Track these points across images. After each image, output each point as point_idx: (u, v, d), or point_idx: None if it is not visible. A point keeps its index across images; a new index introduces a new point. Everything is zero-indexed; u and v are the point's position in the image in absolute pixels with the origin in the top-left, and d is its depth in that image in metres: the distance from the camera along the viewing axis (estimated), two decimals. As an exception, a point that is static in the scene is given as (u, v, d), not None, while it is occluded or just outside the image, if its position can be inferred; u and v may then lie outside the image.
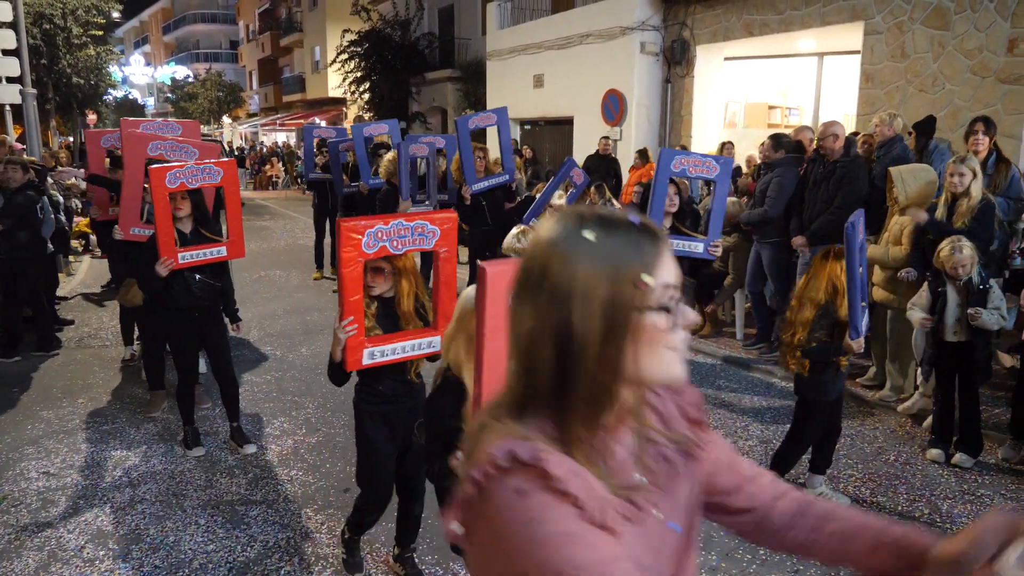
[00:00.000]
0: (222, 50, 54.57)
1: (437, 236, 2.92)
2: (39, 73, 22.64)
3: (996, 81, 7.76)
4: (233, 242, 4.62)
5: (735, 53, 12.17)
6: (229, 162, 4.55)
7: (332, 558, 3.55)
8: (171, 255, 4.27)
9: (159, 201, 4.21)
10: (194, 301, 4.52)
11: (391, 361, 3.01)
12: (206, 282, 4.55)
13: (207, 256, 4.45)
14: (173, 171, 4.21)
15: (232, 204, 4.67)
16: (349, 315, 2.87)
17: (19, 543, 3.68)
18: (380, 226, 2.76)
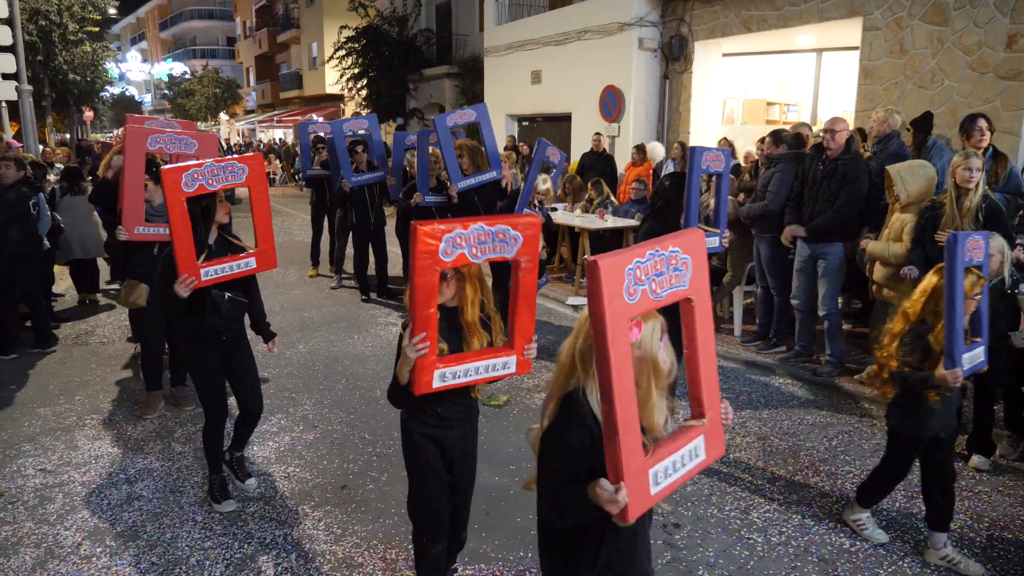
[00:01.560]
0: (219, 46, 54.48)
1: (519, 243, 2.48)
2: (35, 70, 22.60)
3: (995, 77, 7.76)
4: (263, 251, 3.95)
5: (733, 49, 12.17)
6: (255, 157, 3.85)
7: (329, 555, 3.55)
8: (192, 272, 3.58)
9: (175, 208, 3.52)
10: (223, 324, 3.86)
11: (461, 384, 2.65)
12: (237, 300, 3.90)
13: (235, 270, 3.78)
14: (190, 172, 3.55)
15: (260, 207, 3.94)
16: (421, 331, 2.45)
17: (16, 540, 3.67)
18: (459, 231, 2.33)
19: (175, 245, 3.54)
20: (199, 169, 3.58)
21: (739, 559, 3.50)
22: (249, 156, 3.87)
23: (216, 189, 3.66)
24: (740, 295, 7.16)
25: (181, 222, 3.54)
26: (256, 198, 3.90)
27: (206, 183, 3.61)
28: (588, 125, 13.30)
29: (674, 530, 3.76)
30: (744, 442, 4.83)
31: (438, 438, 2.85)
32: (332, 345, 6.96)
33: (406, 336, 2.49)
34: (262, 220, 3.97)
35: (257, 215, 3.95)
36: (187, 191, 3.55)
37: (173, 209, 3.53)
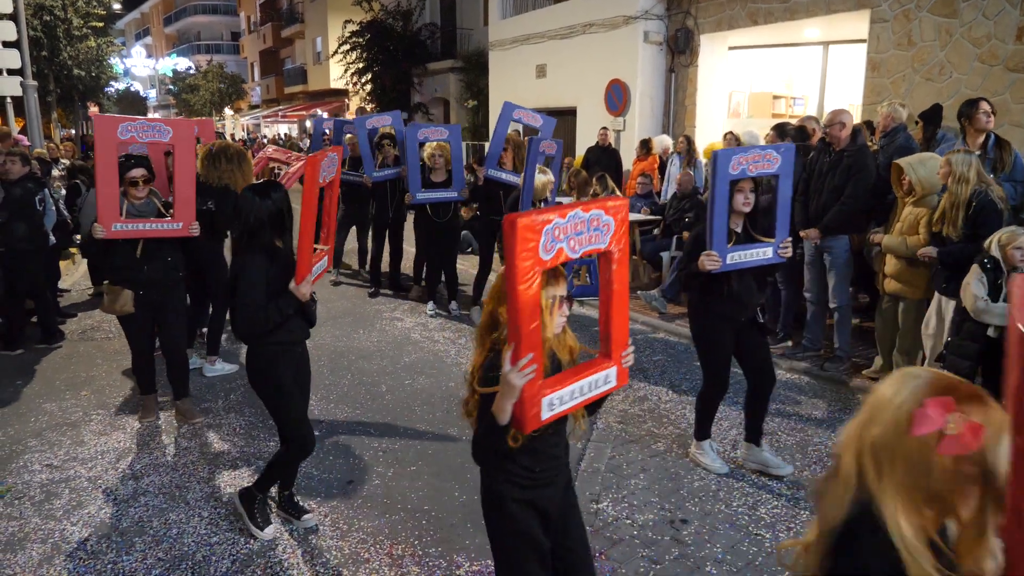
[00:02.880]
0: (223, 42, 54.44)
1: (611, 230, 2.10)
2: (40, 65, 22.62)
3: (1004, 69, 7.69)
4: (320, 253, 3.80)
5: (739, 42, 12.09)
6: (324, 153, 3.60)
7: (335, 550, 3.54)
8: (306, 271, 3.46)
9: (308, 209, 3.37)
10: (307, 333, 3.73)
11: (568, 410, 2.16)
12: (316, 300, 3.75)
13: (316, 271, 3.63)
14: (325, 161, 3.46)
15: (326, 209, 3.86)
16: (528, 351, 1.93)
17: (23, 536, 3.67)
18: (557, 220, 1.95)
19: (300, 251, 3.42)
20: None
21: (747, 555, 3.48)
22: (322, 152, 3.58)
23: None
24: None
25: (309, 225, 3.37)
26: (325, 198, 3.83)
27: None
28: (593, 119, 13.24)
29: (681, 526, 3.74)
30: (751, 437, 4.80)
31: (536, 501, 2.30)
32: (337, 340, 6.95)
33: (505, 361, 1.94)
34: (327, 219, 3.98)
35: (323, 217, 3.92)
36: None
37: (308, 210, 3.35)
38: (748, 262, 4.06)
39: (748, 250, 4.07)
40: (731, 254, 3.99)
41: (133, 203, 4.74)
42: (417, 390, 5.66)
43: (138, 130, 4.62)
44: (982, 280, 4.28)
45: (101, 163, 4.57)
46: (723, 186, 3.94)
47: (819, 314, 6.13)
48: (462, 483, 4.18)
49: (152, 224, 4.74)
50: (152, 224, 4.74)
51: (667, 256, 8.25)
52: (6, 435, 4.86)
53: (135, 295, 4.75)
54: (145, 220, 4.72)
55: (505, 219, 1.88)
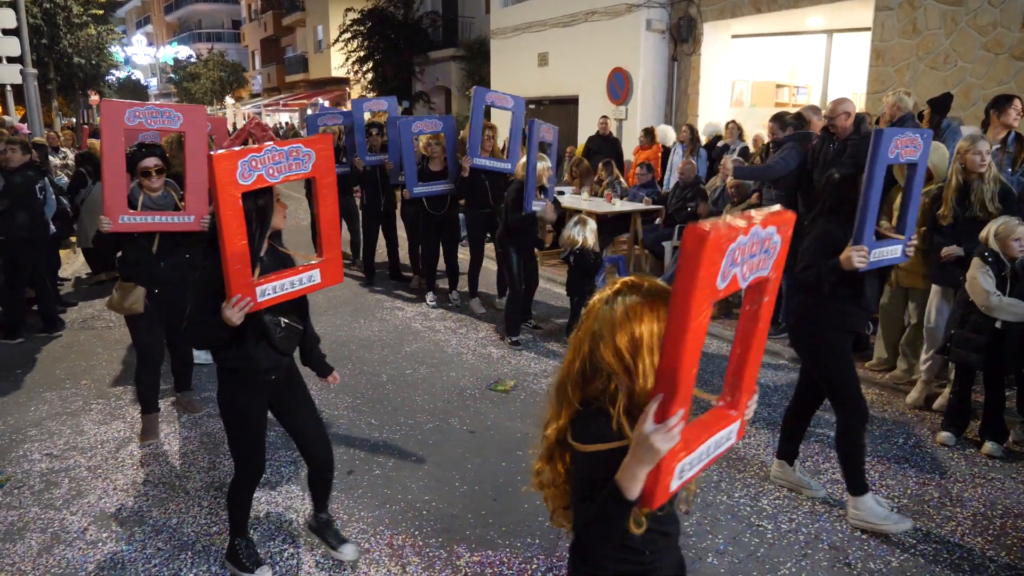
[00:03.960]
0: (224, 30, 54.24)
1: (777, 252, 1.61)
2: (40, 53, 22.55)
3: (1010, 58, 7.63)
4: (329, 261, 3.05)
5: (743, 30, 12.02)
6: (323, 138, 2.90)
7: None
8: (248, 292, 2.71)
9: (228, 206, 2.57)
10: (274, 360, 3.00)
11: (692, 477, 1.63)
12: (294, 328, 3.06)
13: (296, 287, 2.91)
14: (247, 158, 2.58)
15: (326, 205, 2.99)
16: (680, 406, 1.45)
17: (22, 525, 3.66)
18: (741, 238, 1.43)
19: (226, 255, 2.60)
20: (258, 155, 2.60)
21: (749, 546, 3.47)
22: (316, 137, 2.90)
23: (278, 181, 2.68)
24: (749, 279, 7.10)
25: (235, 225, 2.60)
26: (323, 195, 2.94)
27: (266, 173, 2.62)
28: (595, 108, 13.18)
29: (683, 517, 3.72)
30: (753, 428, 4.79)
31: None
32: (338, 330, 6.93)
33: (648, 417, 1.43)
34: (329, 222, 3.04)
35: (324, 215, 3.01)
36: (243, 183, 2.56)
37: (226, 208, 2.57)
38: (882, 261, 3.58)
39: (883, 247, 3.55)
40: (874, 251, 3.45)
41: (149, 195, 4.41)
42: (418, 380, 5.64)
43: (146, 116, 4.35)
44: (988, 274, 4.25)
45: (108, 151, 4.29)
46: (881, 170, 3.44)
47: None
48: (463, 473, 4.17)
49: (162, 217, 4.40)
50: (162, 217, 4.40)
51: (669, 246, 8.22)
52: (6, 424, 4.85)
53: (149, 293, 4.44)
54: (156, 212, 4.40)
55: (689, 230, 1.35)
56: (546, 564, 3.34)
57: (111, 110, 4.34)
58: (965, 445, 4.50)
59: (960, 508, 3.80)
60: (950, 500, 3.88)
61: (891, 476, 4.14)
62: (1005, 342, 4.26)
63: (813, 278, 3.50)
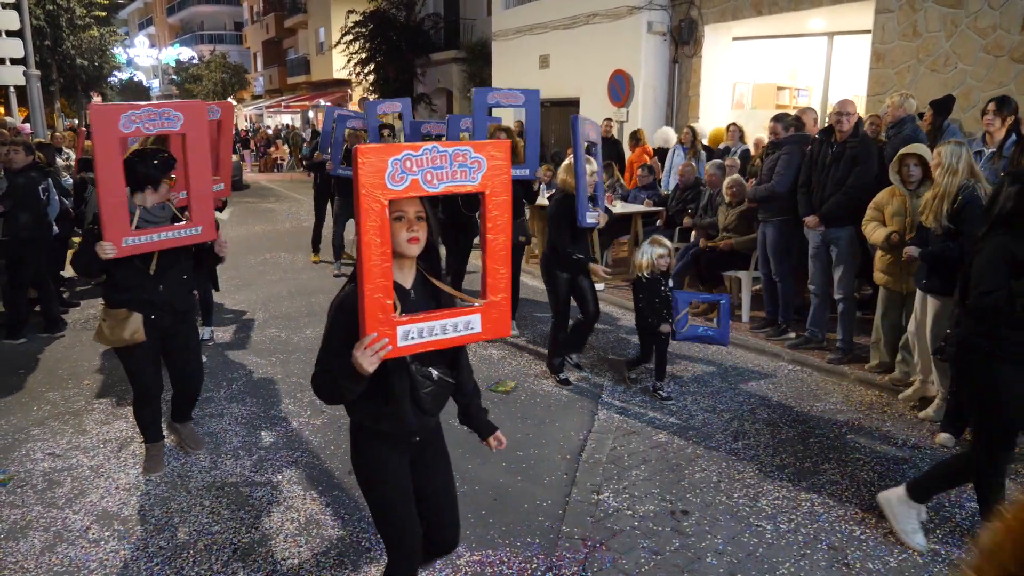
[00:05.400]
0: (226, 31, 54.32)
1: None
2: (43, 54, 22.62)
3: (1010, 60, 7.64)
4: (493, 306, 2.31)
5: (744, 33, 12.04)
6: (500, 144, 2.26)
7: (337, 540, 3.55)
8: (387, 332, 2.11)
9: (369, 216, 2.04)
10: (421, 421, 2.42)
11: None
12: (445, 382, 2.42)
13: (447, 333, 2.24)
14: (400, 156, 2.05)
15: (496, 231, 2.27)
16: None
17: (25, 524, 3.68)
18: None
19: (362, 279, 2.06)
20: (414, 155, 2.12)
21: (748, 546, 3.49)
22: (492, 143, 2.26)
23: (438, 191, 2.15)
24: (749, 281, 7.12)
25: (379, 240, 2.07)
26: (493, 213, 2.26)
27: (423, 179, 2.12)
28: (596, 110, 13.19)
29: (682, 517, 3.74)
30: (753, 428, 4.80)
31: None
32: (339, 330, 6.94)
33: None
34: (497, 253, 2.31)
35: (492, 243, 2.29)
36: (393, 188, 2.08)
37: (368, 217, 2.05)
38: None
39: None
40: None
41: (145, 207, 3.94)
42: (419, 381, 5.65)
43: (143, 119, 3.82)
44: None
45: (103, 166, 3.69)
46: None
47: (822, 306, 6.13)
48: (463, 474, 4.19)
49: (168, 233, 3.91)
50: (168, 233, 3.91)
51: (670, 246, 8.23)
52: (9, 424, 4.88)
53: (144, 319, 3.91)
54: (160, 229, 3.89)
55: None
56: (546, 564, 3.36)
57: (103, 116, 3.74)
58: (963, 446, 4.51)
59: (958, 509, 3.81)
60: (948, 501, 3.89)
61: (890, 477, 4.15)
62: None
63: (1002, 301, 3.09)
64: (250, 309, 7.59)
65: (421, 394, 2.33)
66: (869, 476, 4.17)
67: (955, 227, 4.53)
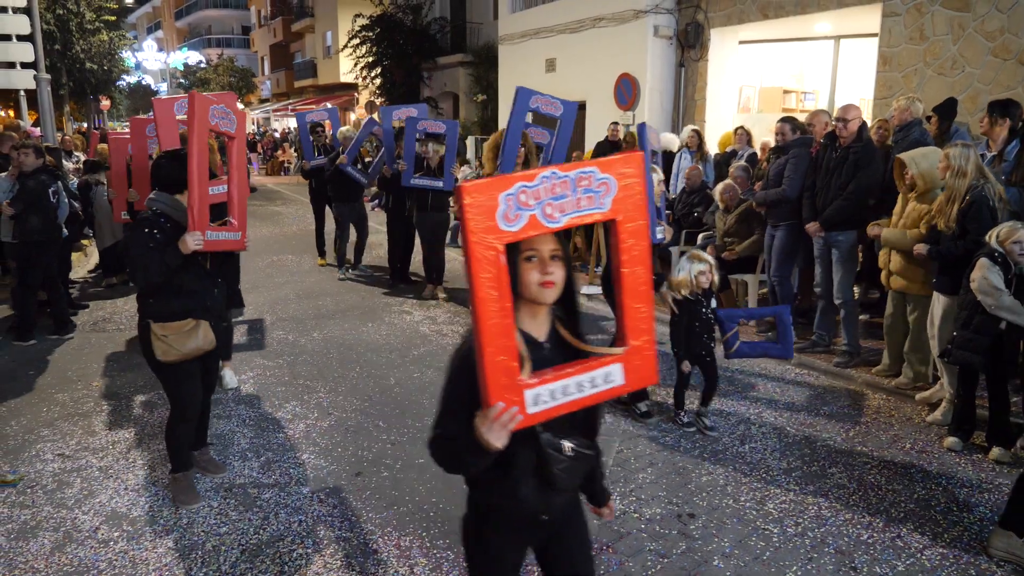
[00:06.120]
0: (234, 35, 54.60)
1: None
2: (53, 59, 22.76)
3: (1017, 63, 7.63)
4: (636, 352, 1.89)
5: (750, 36, 12.04)
6: (631, 158, 1.81)
7: (343, 541, 3.56)
8: (513, 399, 1.74)
9: (482, 266, 1.66)
10: (551, 500, 2.00)
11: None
12: (582, 454, 1.97)
13: (585, 391, 1.84)
14: (512, 190, 1.67)
15: (633, 264, 1.84)
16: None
17: (35, 524, 3.71)
18: None
19: (481, 340, 1.69)
20: (529, 185, 1.71)
21: (755, 550, 3.48)
22: (621, 158, 1.84)
23: (561, 225, 1.75)
24: (755, 285, 7.11)
25: (496, 293, 1.69)
26: (627, 242, 1.83)
27: (542, 213, 1.72)
28: (603, 114, 13.21)
29: (689, 520, 3.74)
30: (759, 432, 4.80)
31: None
32: (347, 333, 6.98)
33: None
34: (635, 289, 1.87)
35: (629, 279, 1.86)
36: (508, 229, 1.71)
37: (480, 267, 1.67)
38: None
39: None
40: None
41: None
42: (426, 383, 5.67)
43: (219, 116, 3.82)
44: (998, 272, 4.18)
45: (198, 155, 3.64)
46: None
47: (828, 309, 6.12)
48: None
49: (220, 234, 3.85)
50: (220, 234, 3.85)
51: (676, 251, 8.24)
52: (19, 424, 4.91)
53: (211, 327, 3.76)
54: (219, 229, 3.86)
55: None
56: (552, 566, 3.36)
57: (201, 106, 3.70)
58: (972, 451, 4.50)
59: (967, 513, 3.80)
60: (957, 506, 3.88)
61: (897, 481, 4.14)
62: (1005, 345, 4.26)
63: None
64: (257, 311, 7.62)
65: (553, 471, 1.93)
66: (876, 480, 4.16)
67: (962, 227, 4.56)
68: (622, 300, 1.86)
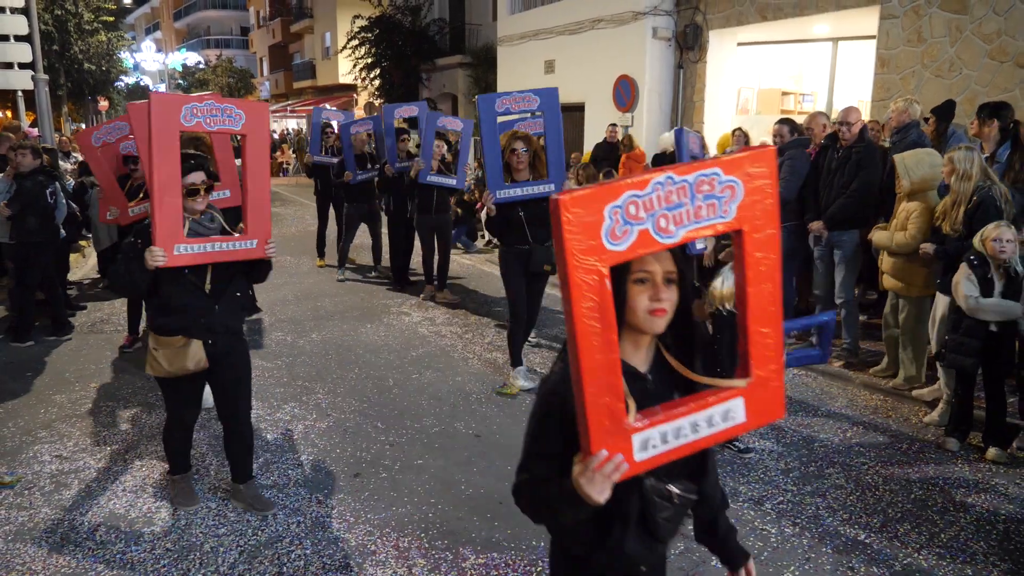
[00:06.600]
0: (233, 36, 54.63)
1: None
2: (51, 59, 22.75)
3: (1015, 66, 7.65)
4: (760, 384, 1.61)
5: (748, 38, 12.07)
6: (764, 154, 1.50)
7: (342, 542, 3.56)
8: (619, 446, 1.48)
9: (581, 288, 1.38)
10: (651, 551, 1.81)
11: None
12: (687, 500, 1.78)
13: (699, 432, 1.57)
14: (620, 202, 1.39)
15: (762, 289, 1.56)
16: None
17: (32, 526, 3.70)
18: None
19: (580, 376, 1.44)
20: (640, 194, 1.51)
21: (752, 550, 3.49)
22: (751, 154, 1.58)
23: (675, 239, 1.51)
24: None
25: (598, 319, 1.48)
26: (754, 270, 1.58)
27: (654, 227, 1.48)
28: (602, 115, 13.23)
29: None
30: (757, 432, 4.80)
31: None
32: (345, 334, 6.98)
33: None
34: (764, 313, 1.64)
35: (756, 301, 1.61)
36: (614, 248, 1.46)
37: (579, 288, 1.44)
38: None
39: None
40: None
41: (193, 218, 3.53)
42: (424, 384, 5.68)
43: (206, 114, 3.46)
44: (971, 279, 4.31)
45: (160, 161, 3.34)
46: None
47: (826, 311, 6.13)
48: (468, 477, 4.20)
49: (223, 244, 3.53)
50: (223, 244, 3.53)
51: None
52: (17, 426, 4.90)
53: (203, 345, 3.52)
54: (214, 239, 3.52)
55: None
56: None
57: (164, 107, 3.37)
58: (969, 451, 4.51)
59: (963, 513, 3.81)
60: (953, 506, 3.89)
61: (895, 481, 4.15)
62: (1000, 345, 4.29)
63: None
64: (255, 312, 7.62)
65: (657, 519, 1.70)
66: (874, 480, 4.17)
67: (969, 229, 4.58)
68: (746, 323, 1.57)
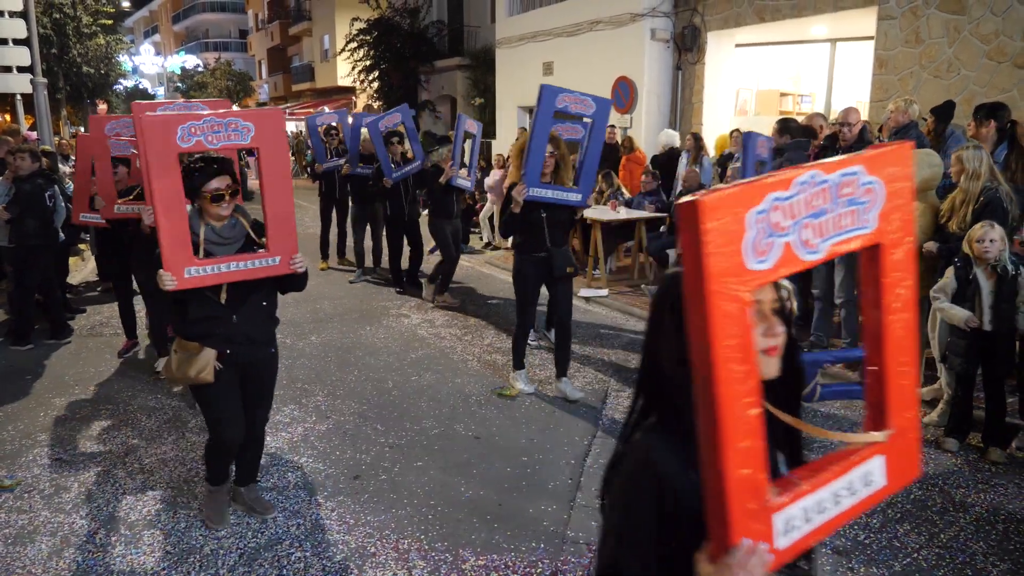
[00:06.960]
0: (231, 39, 54.60)
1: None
2: (49, 63, 22.77)
3: (1013, 66, 7.66)
4: (900, 441, 1.37)
5: (746, 39, 12.07)
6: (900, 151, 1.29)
7: (342, 544, 3.56)
8: (759, 530, 1.17)
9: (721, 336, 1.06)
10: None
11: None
12: (804, 571, 1.53)
13: (841, 503, 1.31)
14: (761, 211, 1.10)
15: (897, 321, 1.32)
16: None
17: (32, 529, 3.70)
18: None
19: (718, 444, 1.11)
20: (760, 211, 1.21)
21: (752, 551, 3.49)
22: None
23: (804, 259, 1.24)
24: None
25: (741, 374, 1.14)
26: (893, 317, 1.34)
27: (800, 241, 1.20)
28: (600, 116, 13.22)
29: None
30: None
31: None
32: (344, 337, 6.98)
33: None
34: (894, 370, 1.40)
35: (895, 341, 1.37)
36: (751, 279, 1.13)
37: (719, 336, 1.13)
38: None
39: None
40: None
41: (213, 226, 3.40)
42: (423, 386, 5.68)
43: (205, 131, 3.22)
44: (945, 288, 4.46)
45: (160, 188, 3.18)
46: None
47: (826, 310, 6.14)
48: (468, 478, 4.20)
49: (239, 264, 3.37)
50: (239, 264, 3.37)
51: (674, 253, 8.25)
52: (16, 429, 4.90)
53: (219, 354, 3.47)
54: (229, 258, 3.37)
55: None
56: (551, 568, 3.36)
57: (158, 129, 3.17)
58: (968, 451, 4.51)
59: (963, 513, 3.81)
60: (953, 506, 3.89)
61: (894, 482, 4.15)
62: (996, 344, 4.30)
63: None
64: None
65: None
66: (873, 481, 4.16)
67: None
68: (884, 360, 1.27)
